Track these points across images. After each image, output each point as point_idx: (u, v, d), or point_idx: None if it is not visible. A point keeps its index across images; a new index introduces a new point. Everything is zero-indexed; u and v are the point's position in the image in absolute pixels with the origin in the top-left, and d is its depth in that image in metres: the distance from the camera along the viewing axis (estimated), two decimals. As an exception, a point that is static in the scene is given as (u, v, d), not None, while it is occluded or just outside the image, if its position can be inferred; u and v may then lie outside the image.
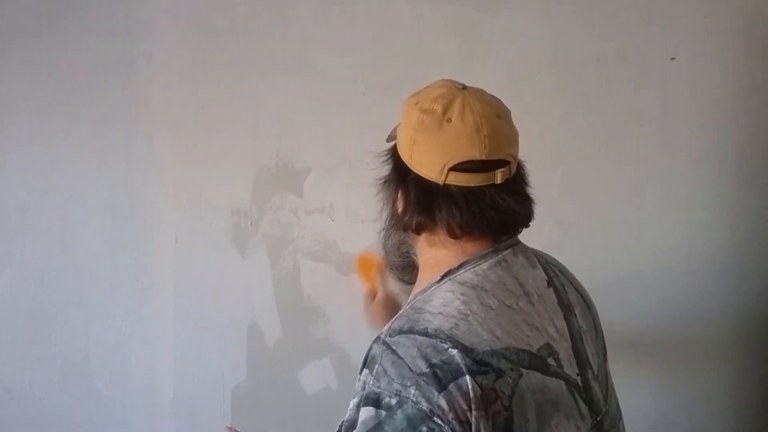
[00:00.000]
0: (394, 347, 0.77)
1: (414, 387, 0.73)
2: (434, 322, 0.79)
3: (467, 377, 0.74)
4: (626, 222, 1.71)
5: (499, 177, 0.87)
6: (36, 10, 1.82)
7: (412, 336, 0.78)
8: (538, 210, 0.97)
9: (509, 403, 0.75)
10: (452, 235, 0.86)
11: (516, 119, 0.94)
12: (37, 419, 1.84)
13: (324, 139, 1.76)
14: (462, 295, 0.82)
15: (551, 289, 0.92)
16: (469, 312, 0.80)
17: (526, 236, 1.55)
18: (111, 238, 1.82)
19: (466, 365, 0.74)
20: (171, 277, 1.82)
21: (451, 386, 0.73)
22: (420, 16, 1.71)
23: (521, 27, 1.68)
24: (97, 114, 1.81)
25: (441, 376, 0.74)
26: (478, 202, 0.86)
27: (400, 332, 0.79)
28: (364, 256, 1.41)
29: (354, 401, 0.80)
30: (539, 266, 0.94)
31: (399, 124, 0.93)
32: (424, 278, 0.90)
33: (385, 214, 0.95)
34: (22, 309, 1.83)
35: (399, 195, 0.90)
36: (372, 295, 1.32)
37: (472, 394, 0.73)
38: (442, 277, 0.86)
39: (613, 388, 0.96)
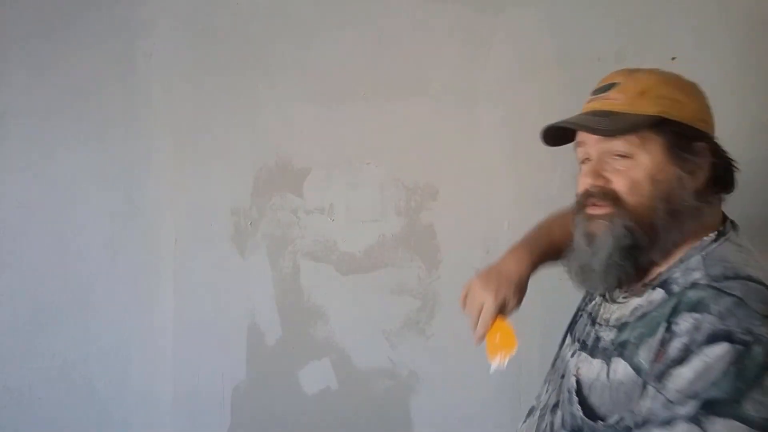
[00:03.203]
0: (729, 291, 0.79)
1: (765, 327, 0.75)
2: (751, 271, 0.82)
3: None
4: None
5: None
6: (36, 10, 1.82)
7: (741, 281, 0.80)
8: (538, 210, 0.97)
9: None
10: (724, 193, 0.92)
11: (516, 119, 0.94)
12: (37, 419, 1.84)
13: (324, 139, 1.76)
14: (748, 254, 0.87)
15: None
16: (765, 268, 0.84)
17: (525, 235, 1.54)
18: (111, 238, 1.82)
19: None
20: (171, 277, 1.82)
21: None
22: (420, 16, 1.71)
23: (522, 27, 1.68)
24: (97, 114, 1.81)
25: None
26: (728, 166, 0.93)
27: (726, 278, 0.81)
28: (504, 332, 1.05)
29: (678, 343, 0.78)
30: None
31: (654, 98, 0.89)
32: (684, 246, 0.90)
33: (667, 199, 0.88)
34: (22, 309, 1.83)
35: (694, 166, 0.89)
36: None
37: None
38: (717, 237, 0.89)
39: None
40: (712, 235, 0.89)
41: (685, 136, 0.88)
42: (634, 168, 0.87)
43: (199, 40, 1.79)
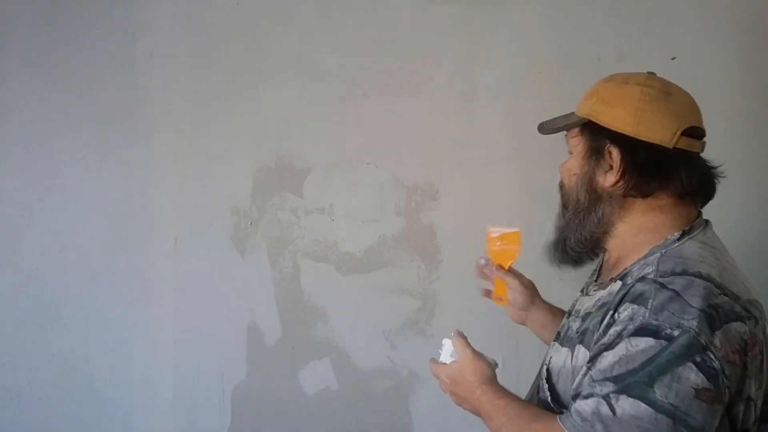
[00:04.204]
0: (670, 286, 0.84)
1: (696, 320, 0.80)
2: (703, 268, 0.86)
3: (739, 322, 0.82)
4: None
5: (704, 147, 0.96)
6: (36, 10, 1.82)
7: (687, 277, 0.84)
8: (537, 210, 0.98)
9: (762, 347, 0.85)
10: (679, 197, 0.94)
11: (516, 119, 0.95)
12: (37, 419, 1.84)
13: (324, 139, 1.76)
14: (710, 251, 0.90)
15: None
16: (723, 265, 0.89)
17: (526, 235, 1.56)
18: (111, 238, 1.82)
19: (736, 311, 0.83)
20: (171, 277, 1.82)
21: (725, 327, 0.81)
22: (420, 16, 1.71)
23: (522, 27, 1.68)
24: (97, 114, 1.81)
25: (716, 317, 0.81)
26: (700, 168, 0.95)
27: (673, 274, 0.85)
28: (509, 247, 1.22)
29: (613, 330, 0.84)
30: None
31: (590, 103, 0.97)
32: (643, 241, 0.95)
33: (580, 191, 0.98)
34: (22, 309, 1.83)
35: (608, 165, 0.95)
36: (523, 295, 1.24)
37: (745, 338, 0.82)
38: (681, 236, 0.93)
39: None
40: (677, 234, 0.93)
41: (599, 139, 0.95)
42: (568, 161, 1.01)
43: (199, 40, 1.79)
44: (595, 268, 1.09)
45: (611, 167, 0.94)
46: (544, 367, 1.02)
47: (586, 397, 0.83)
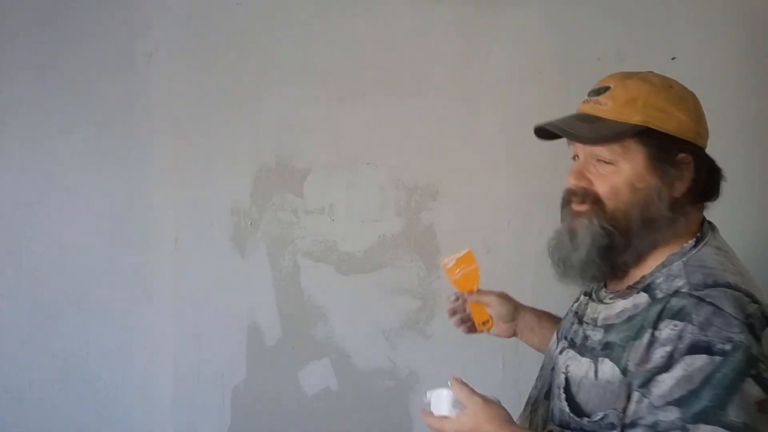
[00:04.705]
0: (708, 299, 0.82)
1: (743, 333, 0.79)
2: (729, 278, 0.85)
3: None
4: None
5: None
6: (36, 10, 1.82)
7: (720, 289, 0.83)
8: (537, 210, 0.98)
9: None
10: (693, 201, 0.93)
11: (516, 119, 0.95)
12: (37, 419, 1.84)
13: (324, 139, 1.76)
14: (725, 257, 0.90)
15: None
16: (739, 270, 0.88)
17: (526, 235, 1.56)
18: (111, 238, 1.82)
19: (766, 316, 0.83)
20: (171, 277, 1.82)
21: (763, 334, 0.81)
22: (420, 16, 1.71)
23: (522, 27, 1.68)
24: (97, 114, 1.81)
25: (756, 326, 0.81)
26: (714, 169, 0.95)
27: (707, 286, 0.84)
28: (467, 270, 1.18)
29: (662, 351, 0.81)
30: None
31: (638, 109, 0.90)
32: (664, 251, 0.92)
33: (650, 205, 0.90)
34: (22, 309, 1.83)
35: (677, 174, 0.91)
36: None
37: None
38: (696, 243, 0.91)
39: None
40: (692, 242, 0.92)
41: (667, 147, 0.90)
42: (615, 174, 0.91)
43: (199, 40, 1.79)
44: None
45: (680, 176, 0.90)
46: (562, 375, 0.97)
47: (653, 426, 0.80)
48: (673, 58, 1.59)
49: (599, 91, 0.95)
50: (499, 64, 1.68)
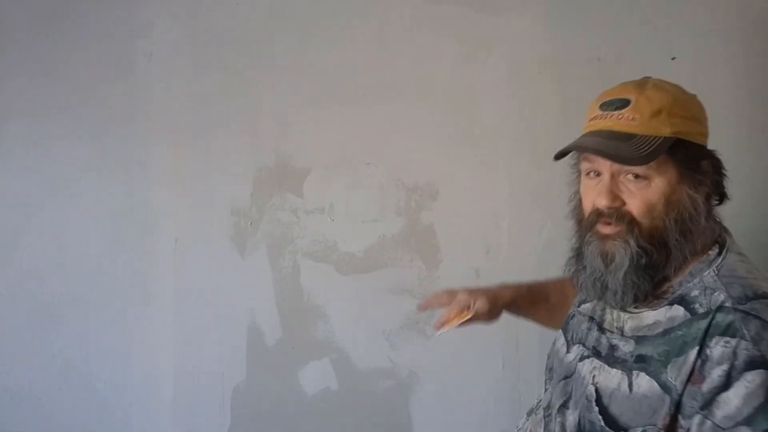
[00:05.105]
0: (753, 312, 0.82)
1: None
2: (762, 286, 0.85)
3: None
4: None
5: None
6: (36, 10, 1.82)
7: (763, 301, 0.83)
8: (537, 210, 0.97)
9: None
10: (720, 205, 0.94)
11: (516, 119, 0.94)
12: (37, 419, 1.84)
13: (324, 139, 1.76)
14: (748, 263, 0.90)
15: None
16: (763, 275, 0.88)
17: (526, 236, 1.55)
18: (111, 238, 1.82)
19: None
20: (171, 277, 1.82)
21: None
22: (420, 16, 1.71)
23: (521, 27, 1.68)
24: (97, 114, 1.81)
25: None
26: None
27: (749, 299, 0.83)
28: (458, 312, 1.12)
29: (719, 370, 0.80)
30: None
31: (665, 120, 0.89)
32: (690, 258, 0.91)
33: (688, 217, 0.90)
34: (22, 309, 1.84)
35: (698, 181, 0.91)
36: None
37: None
38: (720, 251, 0.91)
39: None
40: (716, 249, 0.91)
41: (693, 155, 0.90)
42: (649, 190, 0.89)
43: (199, 40, 1.79)
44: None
45: (705, 183, 0.91)
46: (591, 387, 0.94)
47: None
48: (673, 58, 1.59)
49: (620, 105, 0.92)
50: (498, 64, 1.68)
